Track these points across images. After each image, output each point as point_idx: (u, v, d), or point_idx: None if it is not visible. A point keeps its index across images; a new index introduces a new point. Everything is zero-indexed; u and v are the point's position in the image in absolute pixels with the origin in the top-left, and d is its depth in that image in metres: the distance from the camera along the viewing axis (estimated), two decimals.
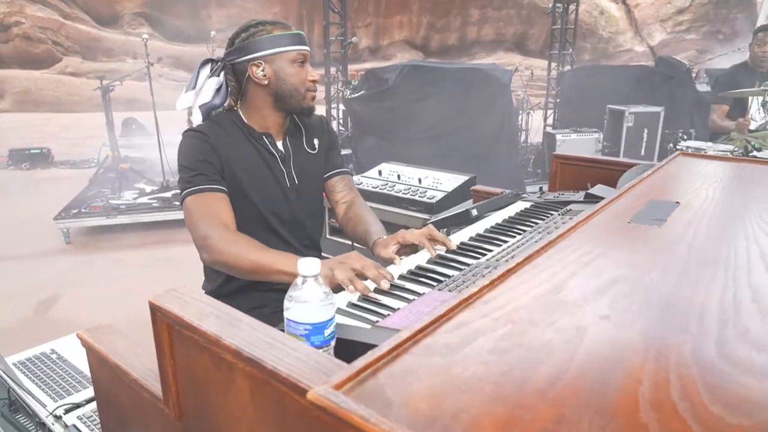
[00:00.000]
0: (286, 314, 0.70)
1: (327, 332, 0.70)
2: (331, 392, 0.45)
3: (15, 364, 1.50)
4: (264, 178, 1.38)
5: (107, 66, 13.49)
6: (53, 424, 1.25)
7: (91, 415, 1.28)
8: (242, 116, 1.40)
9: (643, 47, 16.39)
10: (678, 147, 3.36)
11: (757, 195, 1.15)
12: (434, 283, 0.97)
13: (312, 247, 1.51)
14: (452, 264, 1.07)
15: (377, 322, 0.82)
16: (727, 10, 15.44)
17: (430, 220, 1.77)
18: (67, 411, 1.30)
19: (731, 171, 1.38)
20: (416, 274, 1.03)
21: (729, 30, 14.69)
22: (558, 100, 6.98)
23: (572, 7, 7.25)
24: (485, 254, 1.10)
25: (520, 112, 6.45)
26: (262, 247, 1.19)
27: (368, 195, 2.14)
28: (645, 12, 16.44)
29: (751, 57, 3.47)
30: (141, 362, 0.83)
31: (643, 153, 5.53)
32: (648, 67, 7.38)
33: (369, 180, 2.22)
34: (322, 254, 1.58)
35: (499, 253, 1.09)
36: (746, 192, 1.17)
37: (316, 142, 1.51)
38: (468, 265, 1.05)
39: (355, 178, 2.22)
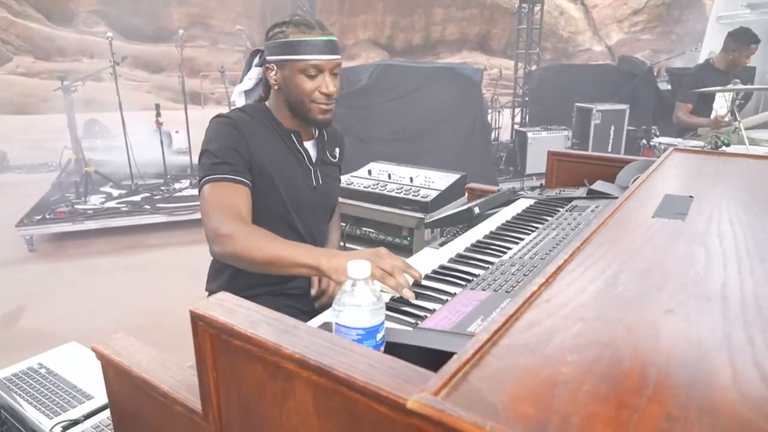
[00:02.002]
0: (336, 320, 0.68)
1: (379, 336, 0.68)
2: (434, 399, 0.43)
3: (0, 381, 1.41)
4: (292, 174, 1.36)
5: (62, 66, 12.97)
6: None
7: None
8: (271, 110, 1.38)
9: (602, 47, 16.89)
10: (651, 143, 3.47)
11: (758, 186, 1.19)
12: (463, 282, 0.96)
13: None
14: (474, 263, 1.06)
15: (417, 324, 0.80)
16: (678, 11, 16.08)
17: (430, 219, 1.77)
18: (65, 429, 1.23)
19: (725, 165, 1.43)
20: (441, 274, 1.02)
21: (681, 30, 15.28)
22: (527, 99, 7.10)
23: (537, 7, 7.40)
24: (505, 252, 1.10)
25: (490, 110, 6.54)
26: (278, 239, 1.14)
27: (360, 195, 2.12)
28: (602, 13, 16.95)
29: (731, 62, 3.52)
30: (169, 374, 0.79)
31: (610, 149, 5.69)
32: (612, 66, 7.59)
33: (359, 180, 2.20)
34: None
35: (519, 250, 1.09)
36: (751, 185, 1.21)
37: (337, 151, 1.52)
38: (491, 263, 1.04)
39: (345, 177, 2.19)
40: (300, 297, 1.41)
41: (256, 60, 1.41)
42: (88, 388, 1.37)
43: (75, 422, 1.25)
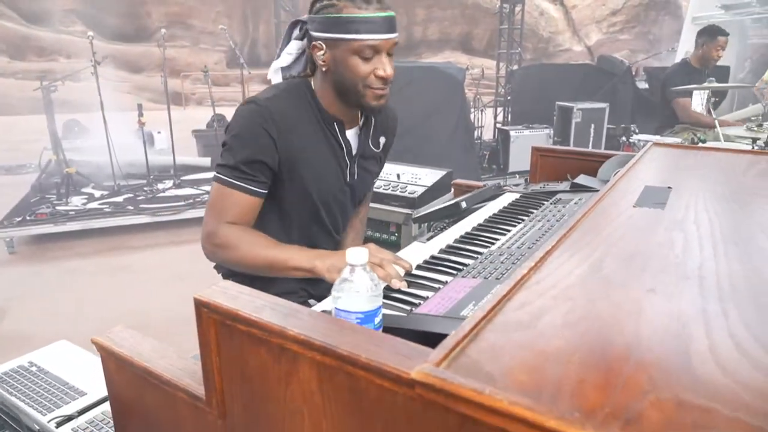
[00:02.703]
0: (335, 304, 0.70)
1: (377, 320, 0.70)
2: (436, 369, 0.46)
3: None
4: (325, 170, 1.27)
5: (38, 66, 12.74)
6: None
7: (87, 427, 1.22)
8: (315, 91, 1.25)
9: (581, 47, 17.14)
10: (630, 140, 3.55)
11: (732, 178, 1.24)
12: (453, 272, 0.99)
13: (338, 241, 1.47)
14: (463, 253, 1.10)
15: (411, 310, 0.83)
16: (655, 12, 16.40)
17: (417, 214, 1.80)
18: (59, 424, 1.23)
19: (702, 159, 1.48)
20: (432, 264, 1.05)
21: (658, 31, 15.60)
22: (509, 98, 7.19)
23: (518, 8, 7.49)
24: (494, 242, 1.14)
25: (473, 110, 6.61)
26: (272, 243, 1.15)
27: None
28: (582, 13, 17.20)
29: (702, 57, 3.61)
30: (170, 363, 0.81)
31: (590, 146, 5.79)
32: (591, 66, 7.73)
33: None
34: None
35: (507, 240, 1.13)
36: (726, 177, 1.26)
37: (382, 140, 1.41)
38: (480, 253, 1.08)
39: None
40: (313, 282, 1.30)
41: (296, 32, 1.27)
42: (81, 385, 1.37)
43: (69, 418, 1.25)
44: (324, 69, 1.19)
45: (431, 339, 0.74)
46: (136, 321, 2.90)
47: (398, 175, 2.15)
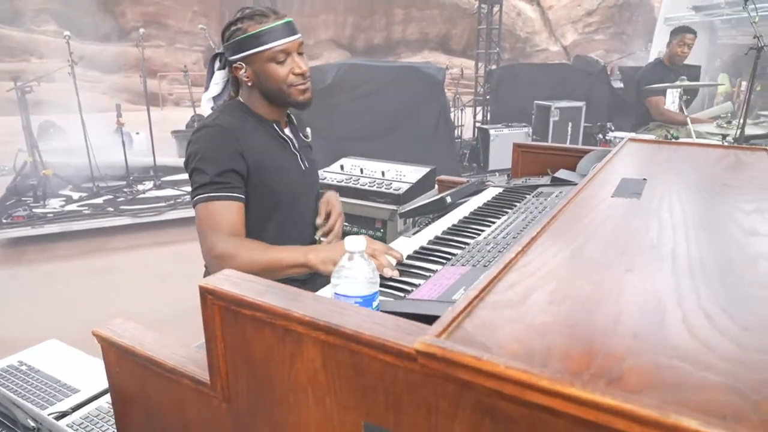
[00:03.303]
0: (335, 290, 0.74)
1: (374, 304, 0.74)
2: (437, 340, 0.50)
3: None
4: (284, 165, 1.40)
5: (10, 66, 12.44)
6: None
7: (82, 422, 1.23)
8: (248, 105, 1.40)
9: (558, 47, 17.41)
10: (607, 138, 3.65)
11: (703, 171, 1.31)
12: (443, 261, 1.03)
13: (313, 233, 1.55)
14: (452, 243, 1.14)
15: (405, 297, 0.87)
16: (629, 12, 16.76)
17: (403, 209, 1.84)
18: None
19: (675, 153, 1.56)
20: (422, 254, 1.09)
21: (632, 31, 15.95)
22: (488, 97, 7.29)
23: (496, 8, 7.60)
24: (479, 234, 1.18)
25: (453, 109, 6.69)
26: (266, 248, 1.20)
27: (333, 189, 2.17)
28: (558, 14, 17.47)
29: (670, 55, 3.76)
30: (173, 351, 0.84)
31: (568, 143, 5.92)
32: (568, 66, 7.89)
33: (332, 174, 2.26)
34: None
35: (492, 231, 1.18)
36: (697, 168, 1.33)
37: (308, 131, 1.57)
38: (467, 243, 1.12)
39: (319, 172, 2.25)
40: (304, 282, 1.43)
41: (217, 64, 1.43)
42: (73, 383, 1.38)
43: (63, 414, 1.26)
44: (249, 84, 1.35)
45: (425, 322, 0.78)
46: None
47: (383, 173, 2.19)
